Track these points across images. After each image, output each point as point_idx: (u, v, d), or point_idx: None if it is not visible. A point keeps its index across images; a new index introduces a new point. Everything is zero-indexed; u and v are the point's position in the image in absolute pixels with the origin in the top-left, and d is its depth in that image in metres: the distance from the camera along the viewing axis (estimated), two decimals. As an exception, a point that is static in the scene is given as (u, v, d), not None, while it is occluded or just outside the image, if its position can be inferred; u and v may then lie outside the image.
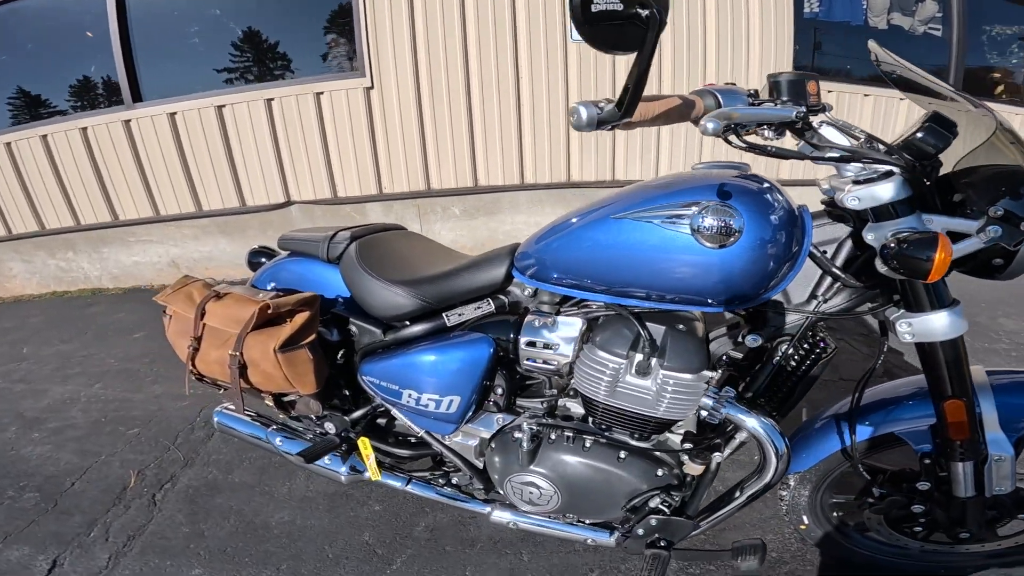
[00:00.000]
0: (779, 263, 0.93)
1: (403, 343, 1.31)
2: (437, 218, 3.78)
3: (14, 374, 2.82)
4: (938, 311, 0.92)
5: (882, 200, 0.88)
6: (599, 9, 0.71)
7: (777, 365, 1.06)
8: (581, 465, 1.18)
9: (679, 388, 1.02)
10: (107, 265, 4.03)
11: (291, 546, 1.61)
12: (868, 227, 0.92)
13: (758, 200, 0.91)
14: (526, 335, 1.16)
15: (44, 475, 1.99)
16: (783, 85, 0.90)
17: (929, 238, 0.80)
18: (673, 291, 0.98)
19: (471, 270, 1.23)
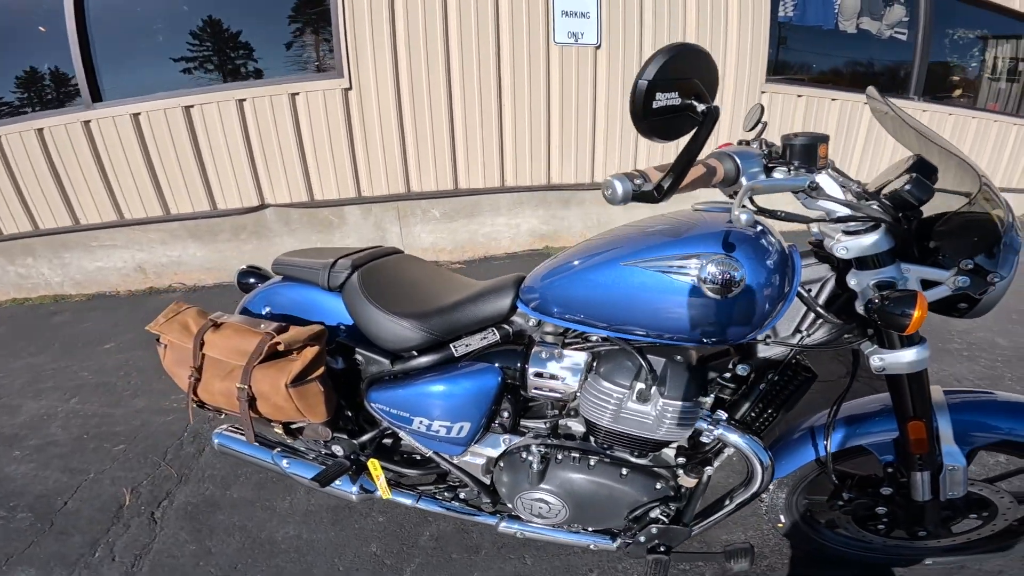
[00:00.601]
0: (773, 304, 1.01)
1: (411, 373, 1.33)
2: (417, 221, 3.77)
3: (-18, 390, 2.69)
4: (907, 348, 1.02)
5: (868, 252, 0.97)
6: (660, 105, 0.76)
7: (762, 391, 1.16)
8: (587, 482, 1.26)
9: (678, 414, 1.11)
10: (69, 271, 3.87)
11: (300, 560, 1.62)
12: (851, 273, 1.00)
13: (758, 249, 0.99)
14: (534, 366, 1.22)
15: (33, 494, 1.93)
16: (797, 149, 0.96)
17: (909, 296, 0.89)
18: (674, 331, 1.05)
19: (477, 302, 1.27)
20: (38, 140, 3.53)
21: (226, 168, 3.58)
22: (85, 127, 3.51)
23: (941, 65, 4.47)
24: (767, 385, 1.15)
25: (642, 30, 3.56)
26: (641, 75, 0.76)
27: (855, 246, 0.97)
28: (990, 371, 2.42)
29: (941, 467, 1.11)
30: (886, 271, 0.97)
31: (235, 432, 1.61)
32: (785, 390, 1.15)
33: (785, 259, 1.01)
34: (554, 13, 3.37)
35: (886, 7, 4.11)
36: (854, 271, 1.00)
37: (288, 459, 1.54)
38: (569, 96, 3.58)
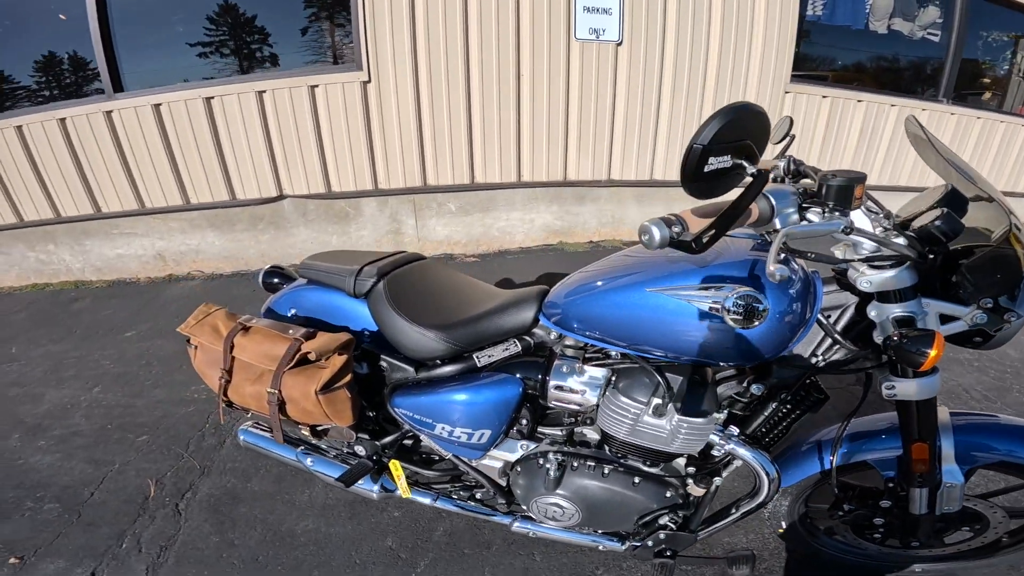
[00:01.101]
0: (793, 330, 1.03)
1: (435, 381, 1.36)
2: (432, 214, 3.78)
3: (6, 376, 2.76)
4: (919, 378, 1.04)
5: (891, 287, 0.99)
6: (711, 169, 0.77)
7: (775, 409, 1.20)
8: (600, 489, 1.30)
9: (692, 430, 1.14)
10: (90, 258, 3.93)
11: (319, 553, 1.66)
12: (872, 304, 1.02)
13: (783, 283, 1.00)
14: (555, 379, 1.25)
15: (60, 485, 1.99)
16: (833, 190, 0.94)
17: (927, 336, 0.91)
18: (693, 355, 1.08)
19: (500, 314, 1.30)
20: (60, 130, 3.57)
21: (245, 159, 3.60)
22: (107, 117, 3.55)
23: (971, 64, 4.39)
24: (779, 404, 1.18)
25: (665, 28, 3.52)
26: (697, 139, 0.76)
27: (878, 280, 0.99)
28: (999, 382, 2.41)
29: (940, 484, 1.16)
30: (907, 305, 0.99)
31: (259, 429, 1.64)
32: (796, 409, 1.19)
33: (807, 286, 1.03)
34: (576, 9, 3.35)
35: (920, 8, 4.03)
36: (875, 303, 1.02)
37: (312, 457, 1.57)
38: (588, 93, 3.56)
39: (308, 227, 3.78)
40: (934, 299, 1.00)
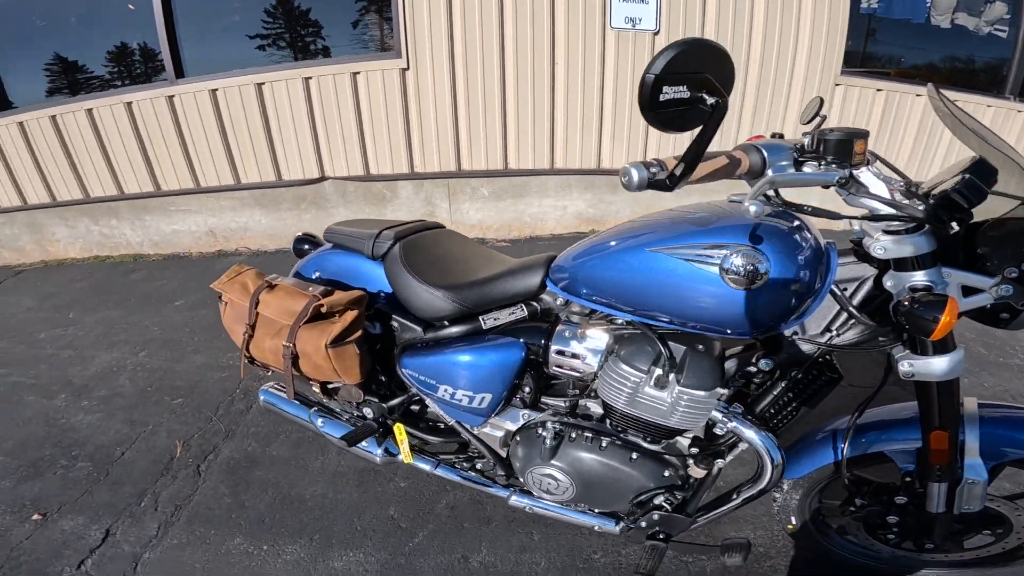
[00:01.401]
0: (801, 299, 0.99)
1: (441, 342, 1.39)
2: (466, 198, 3.83)
3: (61, 340, 2.99)
4: (940, 356, 0.98)
5: (907, 253, 0.94)
6: (667, 98, 0.77)
7: (785, 388, 1.15)
8: (596, 463, 1.28)
9: (692, 403, 1.11)
10: (148, 232, 4.19)
11: (323, 518, 1.73)
12: (889, 274, 0.97)
13: (787, 243, 0.97)
14: (557, 343, 1.24)
15: (95, 444, 2.14)
16: (831, 144, 0.91)
17: (938, 301, 0.87)
18: (697, 320, 1.05)
19: (508, 278, 1.31)
20: (127, 113, 3.82)
21: (291, 141, 3.75)
22: (169, 101, 3.76)
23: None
24: (790, 382, 1.14)
25: (704, 17, 3.42)
26: (649, 69, 0.77)
27: (893, 247, 0.94)
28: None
29: (960, 480, 1.08)
30: (926, 274, 0.94)
31: (279, 390, 1.72)
32: (808, 389, 1.15)
33: (819, 255, 0.99)
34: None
35: (987, 3, 3.75)
36: (892, 272, 0.97)
37: (323, 418, 1.63)
38: (624, 82, 3.50)
39: (347, 207, 3.90)
40: (956, 269, 0.94)
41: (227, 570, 1.58)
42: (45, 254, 4.33)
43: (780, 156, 0.95)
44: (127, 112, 3.82)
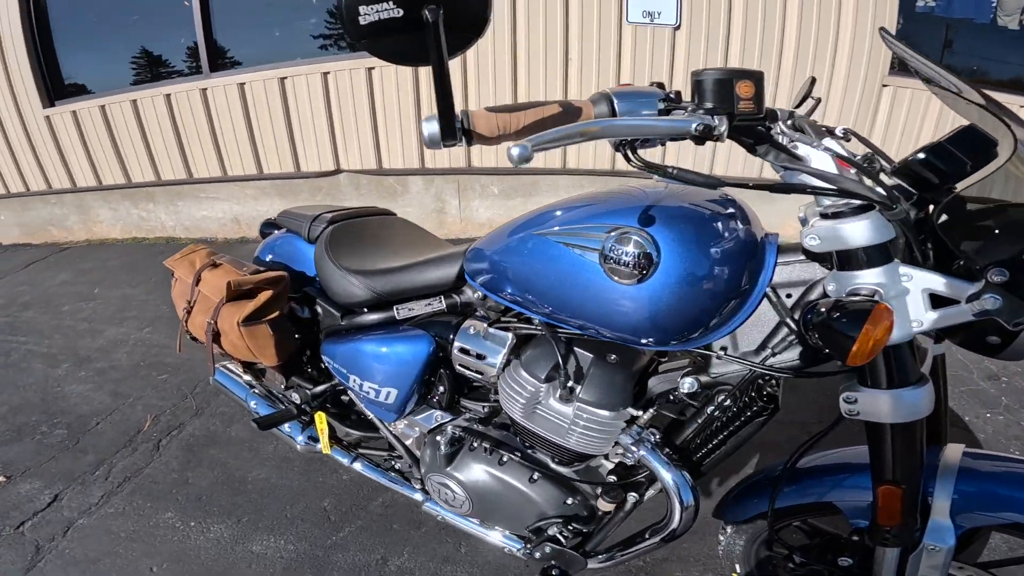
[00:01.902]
0: (718, 303, 0.83)
1: (358, 329, 1.35)
2: (475, 195, 3.79)
3: (81, 312, 3.18)
4: (896, 389, 0.75)
5: (849, 244, 0.71)
6: (370, 21, 0.62)
7: (709, 415, 0.97)
8: (493, 478, 1.18)
9: (593, 424, 0.98)
10: (180, 217, 4.41)
11: (258, 501, 1.73)
12: (830, 275, 0.76)
13: (692, 227, 0.82)
14: (460, 340, 1.15)
15: (77, 413, 2.25)
16: (706, 87, 0.70)
17: (860, 309, 0.66)
18: (591, 322, 0.91)
19: (424, 267, 1.23)
20: (166, 104, 4.04)
21: (310, 134, 3.85)
22: (202, 94, 3.95)
23: None
24: (716, 410, 0.96)
25: (731, 10, 3.23)
26: None
27: (829, 234, 0.72)
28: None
29: (917, 545, 0.86)
30: (874, 273, 0.71)
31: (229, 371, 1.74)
32: (735, 420, 0.95)
33: (750, 248, 0.83)
34: (630, -11, 3.17)
35: None
36: (834, 272, 0.75)
37: (256, 400, 1.63)
38: (641, 79, 3.36)
39: (360, 200, 3.95)
40: (920, 269, 0.71)
41: (149, 541, 1.62)
42: (90, 233, 4.64)
43: (632, 104, 0.76)
44: (166, 103, 4.03)
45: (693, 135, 0.68)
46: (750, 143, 0.75)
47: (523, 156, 0.62)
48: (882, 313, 0.65)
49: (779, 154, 0.75)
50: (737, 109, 0.69)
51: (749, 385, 0.93)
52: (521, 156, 0.62)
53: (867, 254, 0.71)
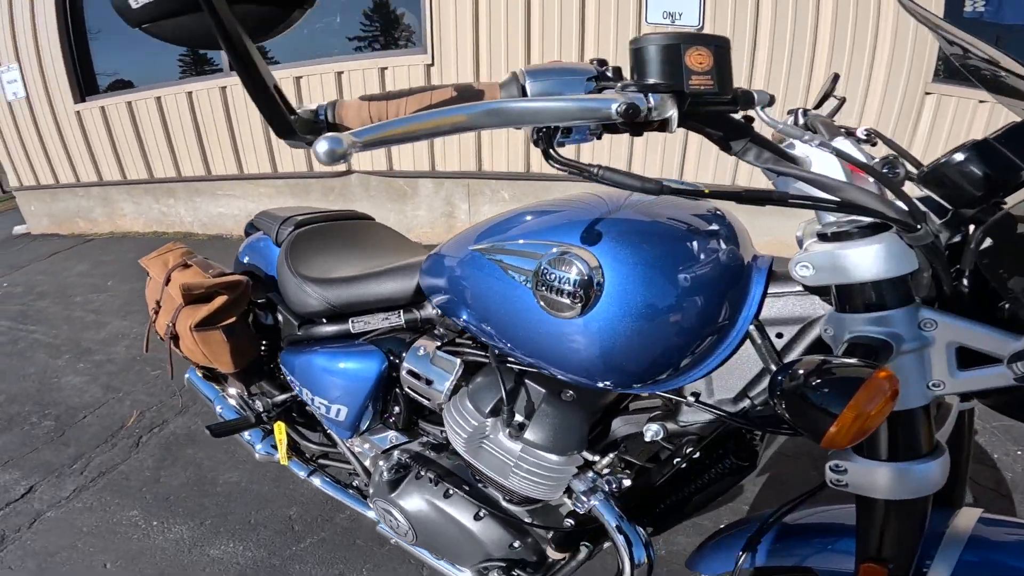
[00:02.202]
0: (688, 339, 0.68)
1: (312, 341, 1.29)
2: (485, 200, 3.72)
3: (91, 304, 3.23)
4: (894, 463, 0.59)
5: (853, 276, 0.55)
6: (143, 2, 0.51)
7: (676, 467, 0.85)
8: (436, 511, 1.09)
9: (537, 467, 0.87)
10: (199, 213, 4.48)
11: (225, 505, 1.69)
12: (827, 317, 0.61)
13: (644, 247, 0.67)
14: (408, 361, 1.06)
15: (68, 405, 2.26)
16: (646, 57, 0.52)
17: (847, 378, 0.49)
18: (535, 358, 0.78)
19: (382, 278, 1.15)
20: (187, 101, 4.10)
21: (324, 135, 3.84)
22: (222, 92, 4.00)
23: None
24: (684, 462, 0.83)
25: (759, 11, 3.08)
26: None
27: (825, 263, 0.57)
28: None
29: None
30: (888, 318, 0.55)
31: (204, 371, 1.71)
32: (704, 474, 0.83)
33: (733, 275, 0.69)
34: (649, -11, 3.06)
35: None
36: (832, 313, 0.61)
37: (223, 405, 1.59)
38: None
39: (370, 202, 3.93)
40: (950, 316, 0.54)
41: (109, 537, 1.59)
42: (114, 226, 4.76)
43: (561, 85, 0.57)
44: (188, 101, 4.10)
45: (616, 120, 0.50)
46: (718, 136, 0.59)
47: (332, 152, 0.43)
48: (880, 384, 0.47)
49: (763, 153, 0.58)
50: (688, 86, 0.52)
51: (726, 437, 0.80)
52: (330, 152, 0.43)
53: (877, 291, 0.55)
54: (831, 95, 0.83)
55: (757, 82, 3.17)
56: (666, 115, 0.52)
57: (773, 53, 3.08)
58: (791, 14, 3.04)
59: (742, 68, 3.15)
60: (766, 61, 3.11)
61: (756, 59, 3.13)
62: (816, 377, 0.50)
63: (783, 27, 3.06)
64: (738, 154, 0.59)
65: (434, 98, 0.61)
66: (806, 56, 3.11)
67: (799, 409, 0.51)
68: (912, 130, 3.14)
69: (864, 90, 3.17)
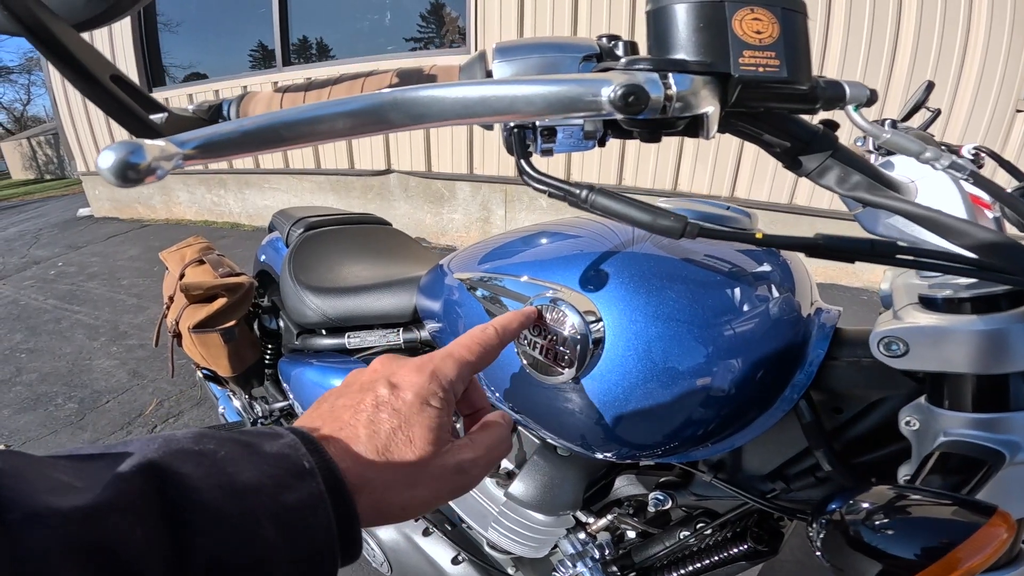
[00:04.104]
0: (715, 411, 0.54)
1: (311, 352, 1.23)
2: (523, 207, 3.63)
3: (134, 288, 3.33)
4: None
5: (961, 367, 0.41)
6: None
7: (682, 540, 0.73)
8: (413, 548, 1.02)
9: (519, 524, 0.77)
10: (246, 205, 4.59)
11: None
12: (912, 406, 0.46)
13: (660, 295, 0.52)
14: None
15: (93, 388, 2.30)
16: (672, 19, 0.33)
17: (945, 522, 0.34)
18: (522, 415, 0.66)
19: (381, 292, 1.06)
20: (242, 93, 4.21)
21: (367, 133, 3.86)
22: (273, 87, 4.07)
23: None
24: (693, 536, 0.72)
25: (831, 14, 2.85)
26: None
27: (927, 341, 0.42)
28: None
29: None
30: (1001, 423, 0.41)
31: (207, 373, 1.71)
32: (714, 554, 0.70)
33: (783, 334, 0.53)
34: (708, -9, 2.87)
35: None
36: (918, 402, 0.46)
37: (227, 405, 1.57)
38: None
39: (408, 202, 3.91)
40: None
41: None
42: (170, 213, 4.94)
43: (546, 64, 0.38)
44: (242, 94, 4.20)
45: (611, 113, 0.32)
46: (782, 147, 0.39)
47: (123, 166, 0.27)
48: (992, 536, 0.32)
49: (851, 176, 0.39)
50: (738, 67, 0.32)
51: (747, 515, 0.68)
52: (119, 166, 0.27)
53: (997, 387, 0.41)
54: (923, 106, 0.70)
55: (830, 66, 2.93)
56: (700, 110, 0.33)
57: (846, 57, 2.83)
58: (867, 26, 2.79)
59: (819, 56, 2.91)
60: (838, 63, 2.86)
61: (826, 63, 2.89)
62: (894, 518, 0.35)
63: (857, 33, 2.82)
64: (812, 175, 0.40)
65: (367, 85, 0.49)
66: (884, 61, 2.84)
67: (843, 557, 0.36)
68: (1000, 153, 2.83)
69: (949, 104, 2.88)
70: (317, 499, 0.26)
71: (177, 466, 0.24)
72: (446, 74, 0.48)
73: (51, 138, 13.01)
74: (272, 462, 0.26)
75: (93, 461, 0.24)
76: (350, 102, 0.34)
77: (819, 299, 0.60)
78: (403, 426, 0.32)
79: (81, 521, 0.20)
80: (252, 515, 0.24)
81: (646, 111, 0.31)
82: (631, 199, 0.35)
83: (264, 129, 0.33)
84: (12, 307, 3.16)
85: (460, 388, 0.36)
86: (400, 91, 0.34)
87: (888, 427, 0.50)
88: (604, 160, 3.30)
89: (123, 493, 0.22)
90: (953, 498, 0.35)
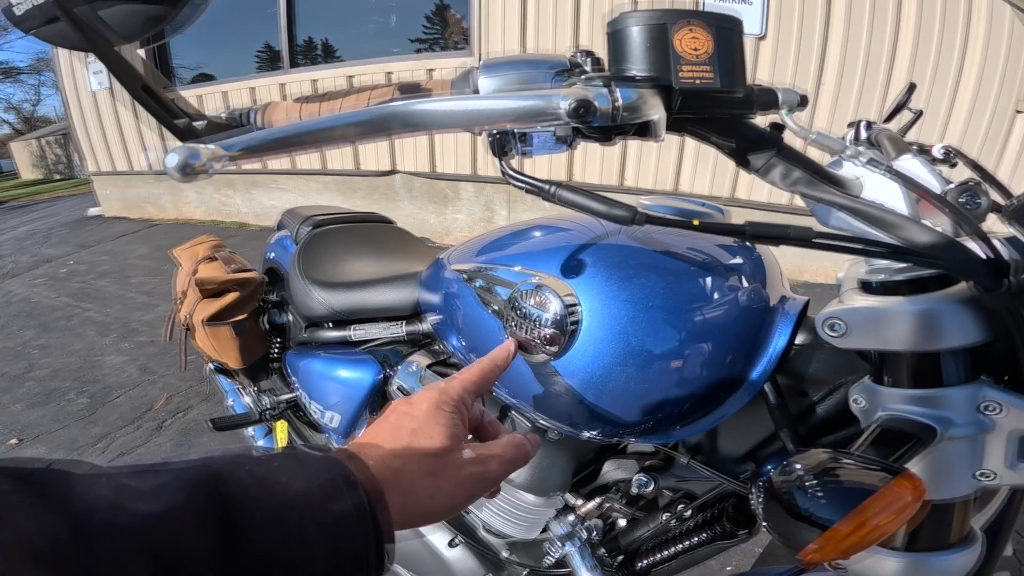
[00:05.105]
0: (689, 390, 0.58)
1: (317, 344, 1.28)
2: (526, 208, 3.67)
3: (144, 286, 3.39)
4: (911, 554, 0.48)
5: (895, 343, 0.44)
6: (25, 9, 0.50)
7: (663, 523, 0.77)
8: (408, 531, 1.05)
9: (511, 504, 0.82)
10: (253, 205, 4.65)
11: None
12: (858, 385, 0.50)
13: (635, 282, 0.56)
14: (399, 376, 1.03)
15: (103, 384, 2.36)
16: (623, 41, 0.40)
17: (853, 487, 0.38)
18: (513, 398, 0.72)
19: (384, 286, 1.12)
20: (250, 97, 4.27)
21: (372, 134, 3.91)
22: (281, 88, 4.13)
23: None
24: (674, 519, 0.76)
25: (830, 18, 2.88)
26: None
27: (867, 320, 0.45)
28: None
29: None
30: (934, 399, 0.45)
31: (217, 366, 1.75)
32: (694, 536, 0.75)
33: (752, 320, 0.58)
34: (707, -5, 2.92)
35: None
36: (865, 382, 0.50)
37: (235, 398, 1.61)
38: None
39: (412, 203, 3.95)
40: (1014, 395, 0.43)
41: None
42: (179, 213, 5.01)
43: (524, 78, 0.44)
44: (251, 96, 4.26)
45: (567, 122, 0.38)
46: (730, 147, 0.45)
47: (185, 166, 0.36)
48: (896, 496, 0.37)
49: (793, 172, 0.44)
50: (677, 79, 0.38)
51: (724, 497, 0.71)
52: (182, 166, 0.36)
53: (931, 364, 0.44)
54: (905, 107, 0.73)
55: (826, 97, 2.96)
56: (647, 117, 0.39)
57: (845, 61, 2.86)
58: (866, 25, 2.81)
59: (808, 78, 2.95)
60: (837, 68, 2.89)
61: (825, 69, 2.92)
62: (815, 480, 0.39)
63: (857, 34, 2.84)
64: (760, 172, 0.45)
65: (373, 97, 0.55)
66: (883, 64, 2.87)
67: (776, 515, 0.41)
68: (999, 152, 2.85)
69: (949, 107, 2.90)
70: (360, 509, 0.28)
71: (237, 475, 0.27)
72: (440, 88, 0.55)
73: (60, 138, 13.17)
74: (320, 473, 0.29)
75: (159, 470, 0.26)
76: (359, 114, 0.42)
77: (788, 289, 0.64)
78: (422, 427, 0.37)
79: (154, 527, 0.22)
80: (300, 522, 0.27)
81: (597, 119, 0.38)
82: (591, 193, 0.42)
83: (291, 135, 0.42)
84: (24, 304, 3.23)
85: (468, 401, 0.42)
86: (400, 105, 0.42)
87: (847, 409, 0.54)
88: (606, 161, 3.34)
89: (189, 500, 0.24)
90: (868, 460, 0.39)
